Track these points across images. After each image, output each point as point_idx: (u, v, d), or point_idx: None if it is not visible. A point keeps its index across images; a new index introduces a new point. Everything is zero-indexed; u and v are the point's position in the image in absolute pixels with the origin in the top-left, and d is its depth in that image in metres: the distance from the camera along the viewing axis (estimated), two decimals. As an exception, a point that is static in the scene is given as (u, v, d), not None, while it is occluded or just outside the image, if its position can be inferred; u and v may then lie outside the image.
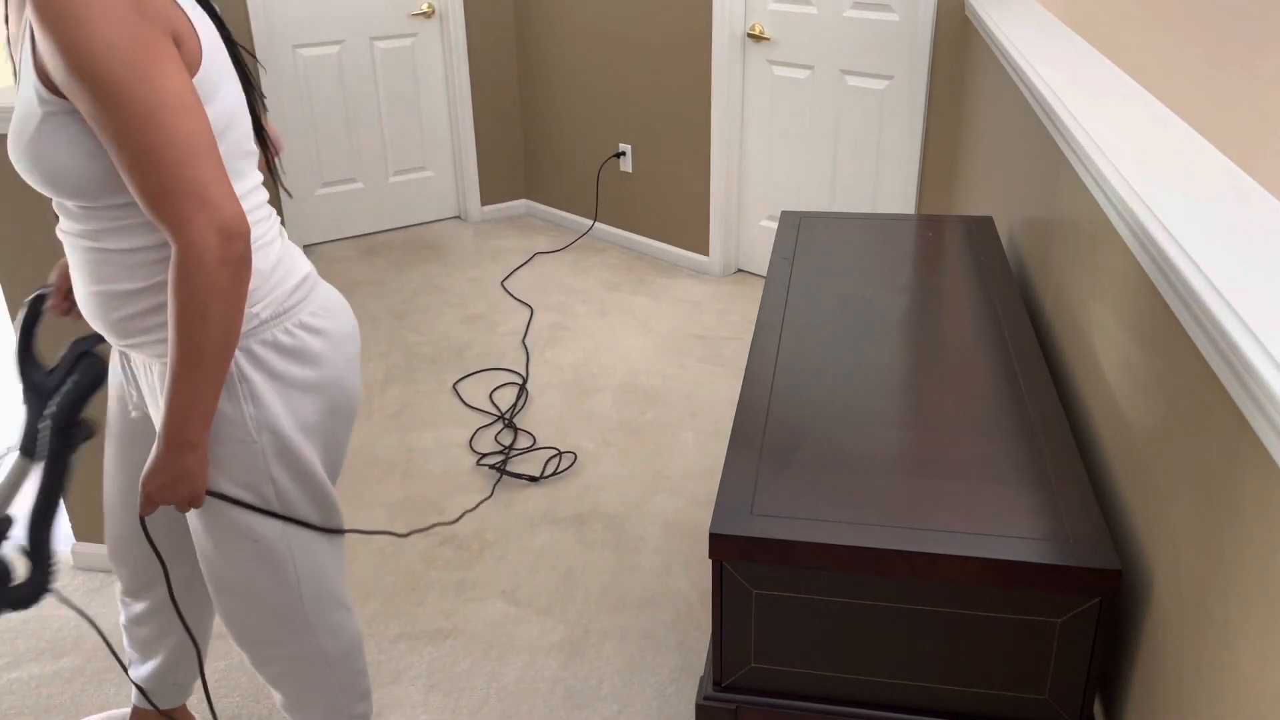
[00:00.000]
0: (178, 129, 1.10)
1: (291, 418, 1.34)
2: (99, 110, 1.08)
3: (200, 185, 1.12)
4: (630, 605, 2.22)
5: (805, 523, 1.25)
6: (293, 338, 1.33)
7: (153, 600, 1.65)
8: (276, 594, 1.44)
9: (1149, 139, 1.51)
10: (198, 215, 1.12)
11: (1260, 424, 0.87)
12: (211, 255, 1.13)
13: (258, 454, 1.33)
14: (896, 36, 3.24)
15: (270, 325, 1.31)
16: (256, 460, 1.34)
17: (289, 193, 2.01)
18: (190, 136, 1.11)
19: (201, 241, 1.12)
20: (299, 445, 1.36)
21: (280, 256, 1.34)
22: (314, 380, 1.36)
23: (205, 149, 1.13)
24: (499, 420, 2.96)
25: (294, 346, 1.33)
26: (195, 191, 1.11)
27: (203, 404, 1.22)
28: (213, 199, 1.13)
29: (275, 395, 1.32)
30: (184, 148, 1.11)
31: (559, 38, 4.27)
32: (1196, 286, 1.03)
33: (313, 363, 1.35)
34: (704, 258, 4.05)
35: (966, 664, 1.26)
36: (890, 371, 1.60)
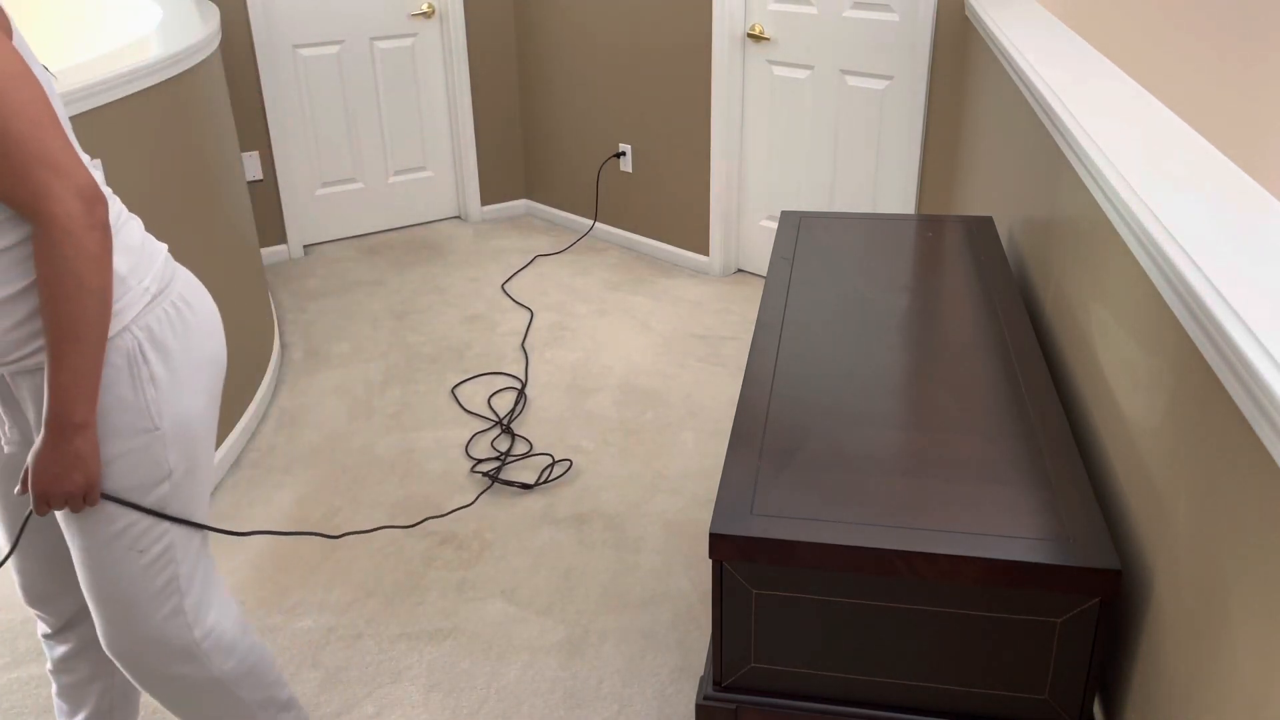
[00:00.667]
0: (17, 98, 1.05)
1: (189, 398, 1.29)
2: None
3: (51, 153, 1.08)
4: (630, 605, 2.22)
5: (805, 523, 1.25)
6: (178, 311, 1.29)
7: (78, 639, 1.55)
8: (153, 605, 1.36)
9: (1149, 139, 1.51)
10: (54, 183, 1.08)
11: (1260, 424, 0.87)
12: (78, 222, 1.09)
13: (158, 442, 1.27)
14: (896, 36, 3.24)
15: (160, 300, 1.27)
16: (156, 449, 1.27)
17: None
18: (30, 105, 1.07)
19: (65, 209, 1.08)
20: (195, 428, 1.31)
21: (143, 231, 1.30)
22: (202, 354, 1.32)
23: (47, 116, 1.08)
24: (496, 425, 2.96)
25: (179, 321, 1.29)
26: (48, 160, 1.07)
27: (87, 380, 1.16)
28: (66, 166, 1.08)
29: (175, 376, 1.27)
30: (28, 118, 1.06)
31: (559, 38, 4.27)
32: (1196, 286, 1.03)
33: (198, 335, 1.31)
34: (704, 258, 4.05)
35: (966, 664, 1.26)
36: (890, 371, 1.60)
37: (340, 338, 3.53)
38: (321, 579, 2.32)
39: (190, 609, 1.38)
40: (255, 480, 2.69)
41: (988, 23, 2.51)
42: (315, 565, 2.37)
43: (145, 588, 1.34)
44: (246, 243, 3.17)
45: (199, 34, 2.73)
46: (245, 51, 3.95)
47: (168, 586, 1.36)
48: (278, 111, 4.09)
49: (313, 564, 2.37)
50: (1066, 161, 1.73)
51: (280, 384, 3.22)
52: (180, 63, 2.53)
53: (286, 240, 4.25)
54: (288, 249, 4.25)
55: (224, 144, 3.02)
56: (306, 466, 2.76)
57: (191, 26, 2.84)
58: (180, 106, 2.57)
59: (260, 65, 3.99)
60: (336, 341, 3.51)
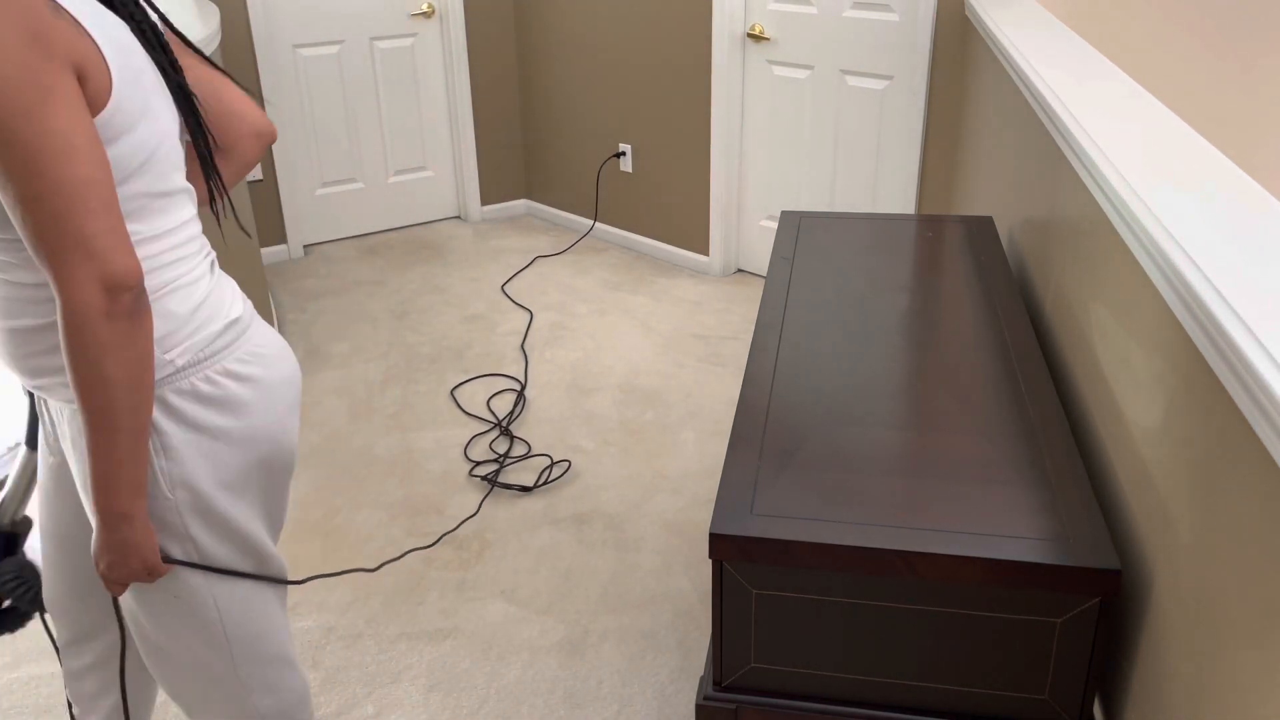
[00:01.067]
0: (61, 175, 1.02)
1: (212, 472, 1.24)
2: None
3: (84, 237, 1.03)
4: (630, 605, 2.22)
5: (805, 523, 1.25)
6: (214, 386, 1.23)
7: (94, 655, 1.54)
8: (206, 655, 1.34)
9: (1149, 139, 1.51)
10: (79, 269, 1.04)
11: (1260, 424, 0.87)
12: (94, 311, 1.05)
13: (171, 510, 1.23)
14: (896, 36, 3.24)
15: (187, 373, 1.21)
16: (171, 517, 1.23)
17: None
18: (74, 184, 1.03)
19: (82, 296, 1.04)
20: (220, 502, 1.26)
21: (204, 298, 1.24)
22: (239, 431, 1.25)
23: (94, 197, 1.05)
24: (495, 427, 2.96)
25: (215, 395, 1.23)
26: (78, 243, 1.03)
27: (126, 471, 1.12)
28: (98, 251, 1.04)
29: (192, 448, 1.22)
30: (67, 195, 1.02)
31: (559, 38, 4.27)
32: (1197, 286, 1.03)
33: (238, 412, 1.24)
34: (704, 258, 4.05)
35: (966, 664, 1.26)
36: (890, 371, 1.60)
37: (340, 338, 3.53)
38: (321, 579, 2.32)
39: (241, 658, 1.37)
40: (255, 480, 2.69)
41: (988, 23, 2.51)
42: (315, 565, 2.37)
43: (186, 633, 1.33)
44: (246, 242, 3.17)
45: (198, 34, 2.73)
46: (245, 51, 3.95)
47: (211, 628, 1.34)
48: (278, 111, 4.09)
49: (313, 564, 2.37)
50: (1066, 161, 1.73)
51: (280, 384, 3.22)
52: (180, 63, 2.52)
53: (286, 240, 4.25)
54: (288, 249, 4.25)
55: (224, 144, 3.02)
56: (306, 466, 2.76)
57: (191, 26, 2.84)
58: (180, 106, 2.57)
59: (260, 65, 3.99)
60: (336, 341, 3.51)
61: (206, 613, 1.31)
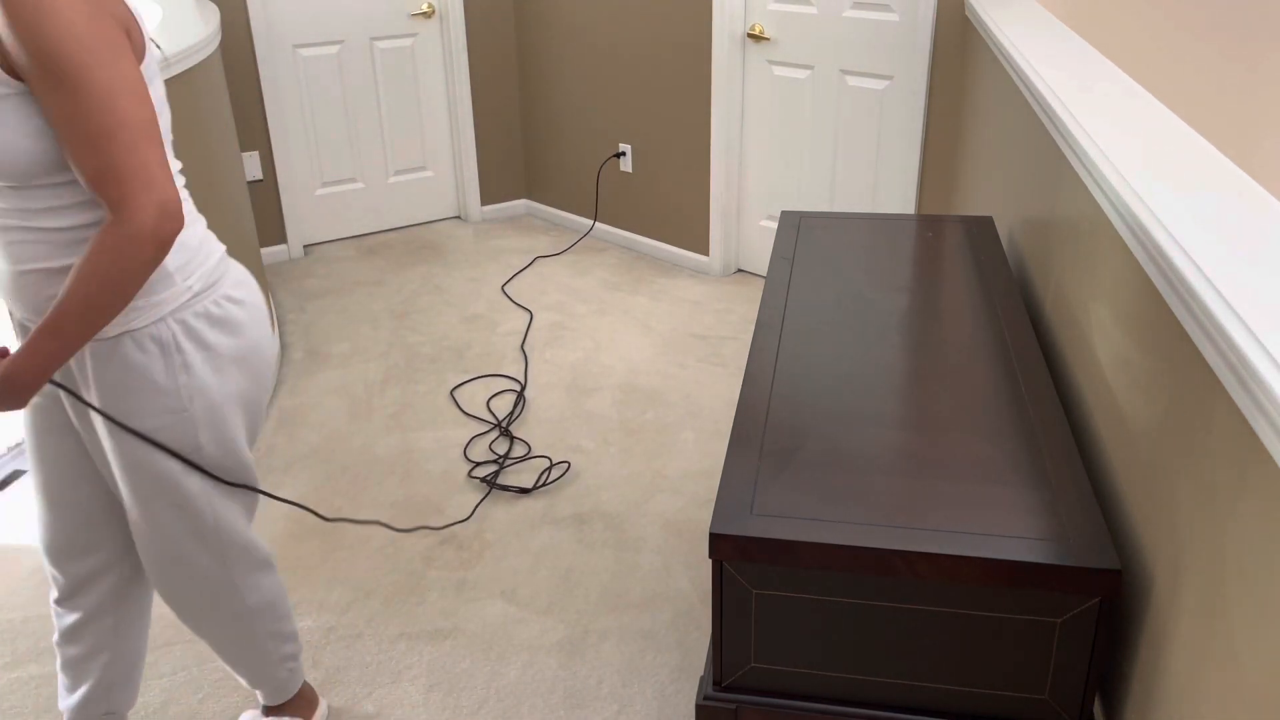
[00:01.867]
0: (130, 113, 1.18)
1: (220, 386, 1.42)
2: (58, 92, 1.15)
3: (147, 167, 1.20)
4: (630, 605, 2.22)
5: (805, 523, 1.25)
6: (220, 308, 1.41)
7: (86, 609, 1.64)
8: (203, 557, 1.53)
9: (1149, 139, 1.51)
10: (142, 195, 1.19)
11: (1260, 424, 0.87)
12: (149, 233, 1.21)
13: (188, 422, 1.41)
14: (896, 36, 3.24)
15: (201, 298, 1.39)
16: (186, 429, 1.41)
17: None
18: (140, 121, 1.20)
19: (142, 219, 1.20)
20: (226, 413, 1.44)
21: (204, 233, 1.42)
22: (239, 349, 1.44)
23: (153, 133, 1.21)
24: (495, 428, 2.96)
25: (221, 317, 1.41)
26: (142, 173, 1.19)
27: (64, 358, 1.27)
28: (157, 181, 1.20)
29: (207, 366, 1.40)
30: (135, 130, 1.19)
31: (559, 38, 4.27)
32: (1196, 286, 1.03)
33: (236, 332, 1.43)
34: (704, 258, 4.05)
35: (966, 664, 1.26)
36: (890, 371, 1.60)
37: (340, 338, 3.53)
38: (321, 579, 2.32)
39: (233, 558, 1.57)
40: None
41: (988, 23, 2.51)
42: (315, 565, 2.37)
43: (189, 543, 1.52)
44: (246, 243, 3.17)
45: (199, 34, 2.73)
46: (245, 51, 3.95)
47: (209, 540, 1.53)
48: (278, 111, 4.09)
49: (312, 564, 2.37)
50: (1066, 161, 1.73)
51: (280, 384, 3.22)
52: (180, 62, 2.53)
53: (286, 240, 4.25)
54: (288, 249, 4.25)
55: (224, 144, 3.02)
56: (306, 466, 2.76)
57: (191, 26, 2.84)
58: (180, 106, 2.57)
59: (260, 65, 3.99)
60: (336, 341, 3.51)
61: (204, 521, 1.51)
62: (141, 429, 1.39)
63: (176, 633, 2.15)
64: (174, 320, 1.36)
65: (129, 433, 1.40)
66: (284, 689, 1.80)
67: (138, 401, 1.38)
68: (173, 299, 1.36)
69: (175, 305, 1.36)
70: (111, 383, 1.37)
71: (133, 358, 1.35)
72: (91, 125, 1.17)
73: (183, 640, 2.13)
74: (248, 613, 1.63)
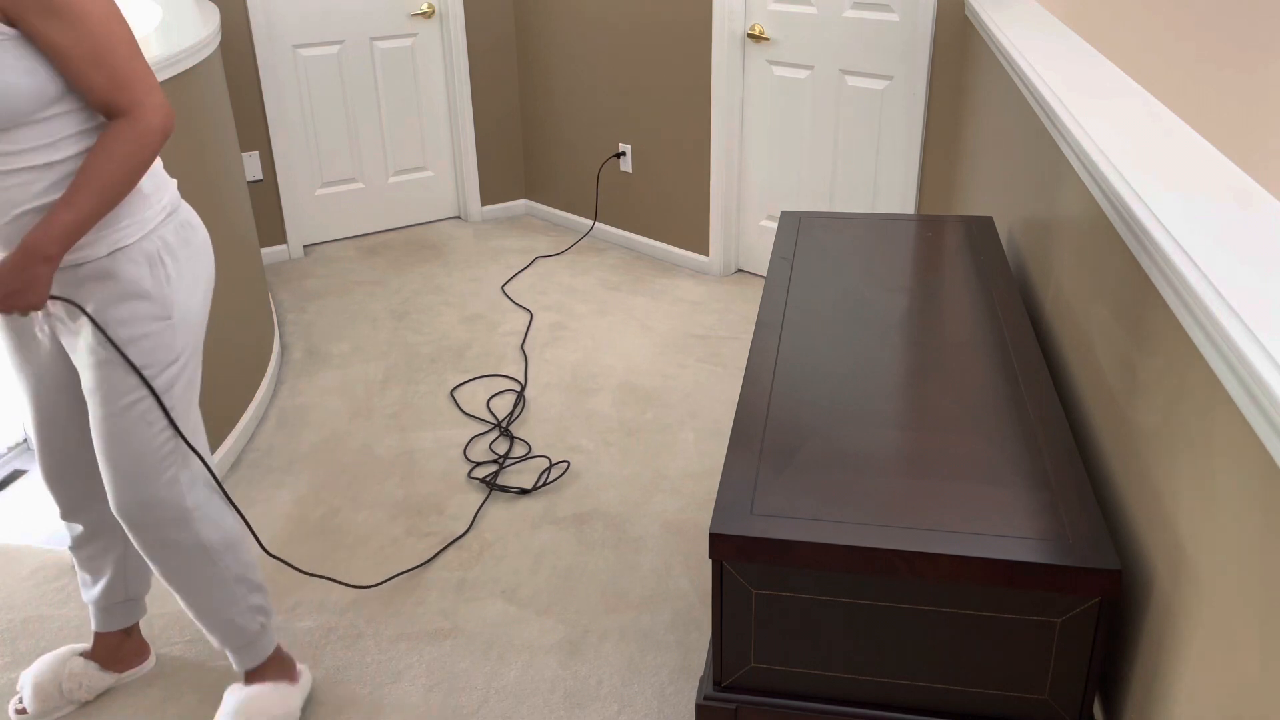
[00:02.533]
0: (121, 31, 1.40)
1: (189, 298, 1.60)
2: (60, 21, 1.33)
3: (145, 74, 1.42)
4: (630, 605, 2.22)
5: (805, 523, 1.25)
6: (184, 230, 1.60)
7: (88, 524, 1.82)
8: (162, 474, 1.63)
9: (1149, 139, 1.51)
10: (149, 96, 1.42)
11: (1260, 424, 0.87)
12: (158, 127, 1.43)
13: (170, 330, 1.57)
14: (896, 36, 3.24)
15: (172, 218, 1.58)
16: (169, 336, 1.57)
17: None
18: (130, 37, 1.41)
19: (152, 116, 1.42)
20: (194, 322, 1.62)
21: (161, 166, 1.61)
22: (201, 267, 1.63)
23: (138, 47, 1.42)
24: (495, 428, 2.96)
25: (187, 237, 1.61)
26: (144, 79, 1.42)
27: (79, 229, 1.42)
28: (154, 85, 1.43)
29: (181, 278, 1.58)
30: (129, 44, 1.41)
31: (559, 38, 4.27)
32: (1196, 286, 1.03)
33: (199, 251, 1.63)
34: (704, 258, 4.05)
35: (966, 664, 1.26)
36: (890, 371, 1.60)
37: (340, 338, 3.53)
38: (321, 579, 2.32)
39: (185, 481, 1.66)
40: (255, 480, 2.69)
41: (988, 23, 2.51)
42: (315, 566, 2.37)
43: (150, 454, 1.61)
44: (246, 243, 3.17)
45: (199, 34, 2.73)
46: (245, 51, 3.95)
47: (169, 456, 1.63)
48: (278, 111, 4.09)
49: (313, 564, 2.37)
50: (1066, 161, 1.73)
51: (280, 384, 3.22)
52: (180, 63, 2.53)
53: (286, 240, 4.25)
54: (288, 249, 4.25)
55: (224, 144, 3.02)
56: (306, 466, 2.76)
57: (191, 26, 2.84)
58: (180, 106, 2.57)
59: (260, 65, 3.99)
60: (336, 341, 3.51)
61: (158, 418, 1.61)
62: (131, 336, 1.53)
63: (178, 633, 2.15)
64: (156, 236, 1.54)
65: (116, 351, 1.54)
66: (256, 646, 1.84)
67: (130, 311, 1.53)
68: (153, 218, 1.54)
69: (155, 224, 1.54)
70: (105, 297, 1.51)
71: (125, 271, 1.51)
72: (96, 45, 1.36)
73: (183, 640, 2.13)
74: (210, 546, 1.72)
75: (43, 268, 1.43)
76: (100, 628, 1.93)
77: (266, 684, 1.86)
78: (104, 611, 1.92)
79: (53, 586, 2.29)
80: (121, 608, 1.93)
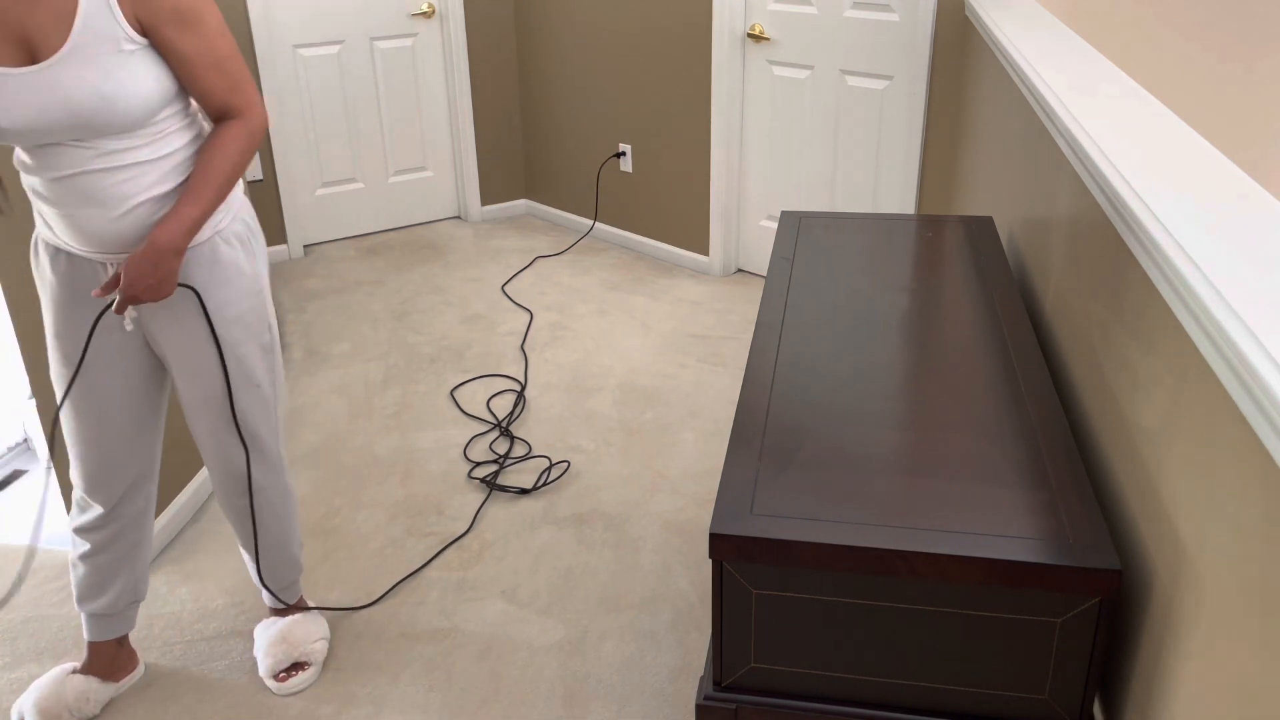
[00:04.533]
0: (231, 39, 1.56)
1: (265, 273, 1.78)
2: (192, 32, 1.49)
3: (251, 79, 1.60)
4: (630, 605, 2.22)
5: (805, 523, 1.25)
6: (251, 214, 1.77)
7: (119, 524, 1.87)
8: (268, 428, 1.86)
9: (1149, 139, 1.51)
10: (257, 98, 1.61)
11: (1260, 424, 0.87)
12: (264, 125, 1.62)
13: (264, 302, 1.76)
14: (896, 36, 3.24)
15: (245, 204, 1.75)
16: (265, 308, 1.77)
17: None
18: (235, 45, 1.57)
19: (262, 115, 1.61)
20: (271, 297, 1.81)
21: None
22: (264, 244, 1.79)
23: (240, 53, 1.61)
24: (495, 428, 2.96)
25: (253, 221, 1.77)
26: (251, 82, 1.60)
27: (202, 222, 1.58)
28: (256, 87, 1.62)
29: (260, 256, 1.76)
30: (238, 54, 1.57)
31: (559, 38, 4.27)
32: (1196, 286, 1.03)
33: (260, 232, 1.78)
34: (704, 258, 4.05)
35: (966, 664, 1.26)
36: (890, 371, 1.60)
37: (340, 338, 3.53)
38: (321, 579, 2.32)
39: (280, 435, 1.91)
40: (255, 480, 2.69)
41: (988, 23, 2.51)
42: (315, 565, 2.37)
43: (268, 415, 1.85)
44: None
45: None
46: (245, 51, 3.95)
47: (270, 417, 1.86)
48: (278, 111, 4.09)
49: (312, 564, 2.37)
50: (1066, 161, 1.73)
51: (280, 384, 3.22)
52: (180, 63, 2.52)
53: (286, 240, 4.25)
54: (288, 249, 4.25)
55: (224, 144, 3.02)
56: (306, 466, 2.76)
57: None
58: (180, 106, 2.57)
59: (260, 65, 3.99)
60: (336, 341, 3.51)
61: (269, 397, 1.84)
62: (233, 314, 1.70)
63: (178, 633, 2.15)
64: (239, 220, 1.71)
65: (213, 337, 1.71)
66: (296, 583, 2.07)
67: (233, 290, 1.70)
68: (236, 203, 1.71)
69: (238, 208, 1.71)
70: (208, 280, 1.67)
71: (225, 253, 1.68)
72: (219, 53, 1.53)
73: (183, 640, 2.13)
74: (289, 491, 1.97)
75: (174, 260, 1.56)
76: (99, 636, 1.95)
77: (296, 614, 2.07)
78: (106, 620, 1.93)
79: (53, 586, 2.29)
80: (127, 612, 1.96)
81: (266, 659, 2.00)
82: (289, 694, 1.99)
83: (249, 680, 2.03)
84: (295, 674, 2.00)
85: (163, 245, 1.54)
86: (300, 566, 2.07)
